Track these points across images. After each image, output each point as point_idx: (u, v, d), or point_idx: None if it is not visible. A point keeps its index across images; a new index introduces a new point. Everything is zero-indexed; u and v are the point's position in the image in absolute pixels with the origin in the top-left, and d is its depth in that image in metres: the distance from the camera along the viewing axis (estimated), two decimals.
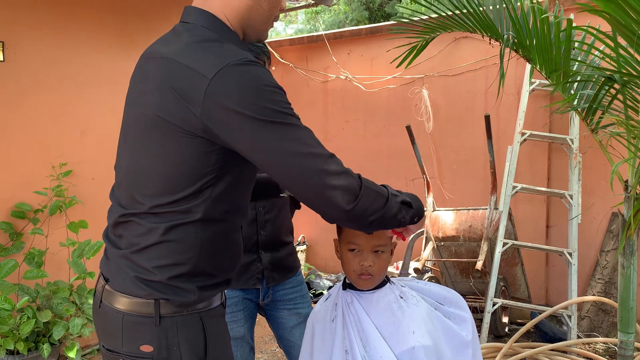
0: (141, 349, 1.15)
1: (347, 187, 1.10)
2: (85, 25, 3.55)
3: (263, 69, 1.10)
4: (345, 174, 1.12)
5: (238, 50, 1.11)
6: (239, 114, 1.05)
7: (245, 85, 1.06)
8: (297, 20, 12.17)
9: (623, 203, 2.00)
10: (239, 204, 1.23)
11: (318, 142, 1.13)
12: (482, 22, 2.00)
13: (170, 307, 1.16)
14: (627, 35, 1.49)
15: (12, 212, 3.21)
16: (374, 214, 1.15)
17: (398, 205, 1.20)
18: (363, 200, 1.12)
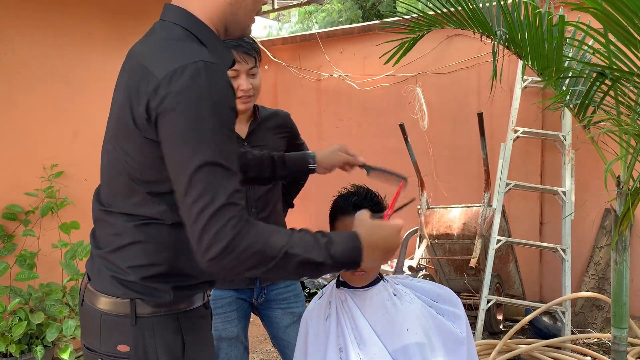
0: (118, 348, 1.15)
1: (211, 238, 1.00)
2: (76, 26, 3.52)
3: (214, 74, 1.05)
4: (219, 224, 1.00)
5: (196, 52, 1.07)
6: (174, 117, 1.02)
7: (188, 90, 1.01)
8: (290, 20, 12.15)
9: (615, 199, 2.01)
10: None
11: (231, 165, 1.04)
12: (474, 19, 2.00)
13: (146, 308, 1.15)
14: (617, 32, 1.49)
15: (3, 214, 3.18)
16: (249, 270, 1.04)
17: (295, 265, 1.06)
18: (231, 257, 1.01)
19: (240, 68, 1.85)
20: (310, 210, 5.07)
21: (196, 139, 1.01)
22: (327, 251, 1.09)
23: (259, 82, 1.92)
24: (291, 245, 1.06)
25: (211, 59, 1.06)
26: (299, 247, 1.06)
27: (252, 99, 1.92)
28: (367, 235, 1.15)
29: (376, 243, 1.16)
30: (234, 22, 1.21)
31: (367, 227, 1.17)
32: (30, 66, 3.33)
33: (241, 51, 1.83)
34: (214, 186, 1.00)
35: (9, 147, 3.25)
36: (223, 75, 1.07)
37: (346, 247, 1.12)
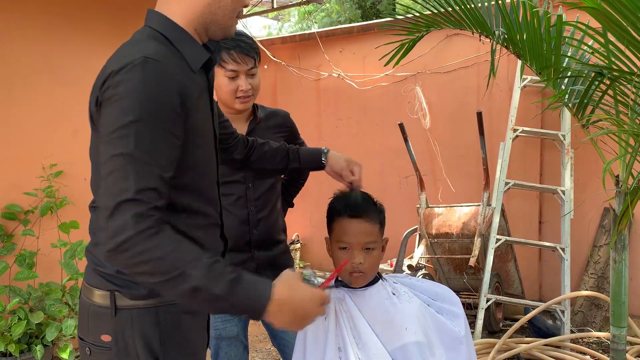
0: (102, 338, 1.19)
1: (114, 228, 1.00)
2: (76, 25, 3.52)
3: (152, 70, 1.07)
4: (123, 218, 0.99)
5: (143, 49, 1.10)
6: (108, 108, 1.06)
7: (123, 84, 1.05)
8: (289, 20, 12.14)
9: (614, 198, 2.01)
10: (185, 203, 1.19)
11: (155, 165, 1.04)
12: (473, 18, 2.00)
13: (125, 300, 1.17)
14: (615, 31, 1.49)
15: (3, 213, 3.18)
16: (142, 275, 1.03)
17: (188, 289, 1.02)
18: (127, 255, 1.00)
19: (240, 69, 1.85)
20: (309, 209, 5.07)
21: (121, 131, 1.03)
22: (230, 288, 1.04)
23: (258, 82, 1.92)
24: (192, 266, 1.02)
25: (156, 56, 1.09)
26: (199, 272, 1.02)
27: (251, 98, 1.92)
28: (283, 293, 1.10)
29: (290, 304, 1.11)
30: (213, 23, 1.23)
31: (288, 285, 1.13)
32: (29, 65, 3.33)
33: (240, 52, 1.83)
34: (124, 179, 1.01)
35: (8, 147, 3.25)
36: (163, 71, 1.08)
37: (252, 294, 1.07)
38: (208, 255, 1.06)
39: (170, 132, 1.07)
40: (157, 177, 1.04)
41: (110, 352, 1.18)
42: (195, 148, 1.18)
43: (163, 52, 1.12)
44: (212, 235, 1.31)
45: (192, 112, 1.14)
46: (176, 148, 1.09)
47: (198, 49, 1.22)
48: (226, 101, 1.91)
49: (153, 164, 1.04)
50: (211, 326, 1.97)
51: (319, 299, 1.16)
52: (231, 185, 1.93)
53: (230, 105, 1.91)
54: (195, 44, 1.21)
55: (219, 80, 1.88)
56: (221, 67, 1.85)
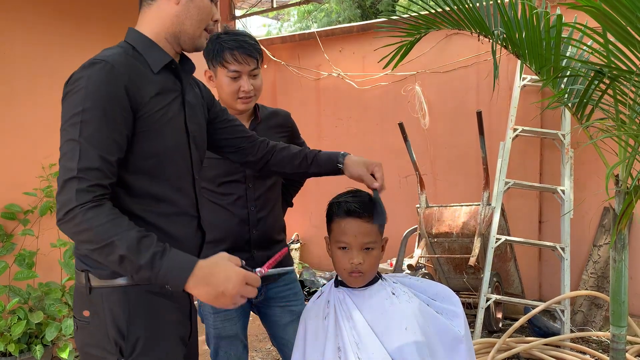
0: (83, 313, 1.34)
1: (60, 201, 1.19)
2: (76, 25, 3.52)
3: (99, 70, 1.25)
4: (68, 192, 1.18)
5: (100, 55, 1.29)
6: (64, 102, 1.26)
7: (75, 82, 1.25)
8: (289, 20, 12.14)
9: (614, 198, 2.01)
10: (146, 188, 1.32)
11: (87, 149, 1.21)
12: (471, 18, 2.00)
13: (95, 280, 1.31)
14: (614, 30, 1.49)
15: (2, 213, 3.18)
16: (83, 243, 1.21)
17: (117, 257, 1.18)
18: (71, 224, 1.18)
19: (242, 69, 1.85)
20: (309, 209, 5.07)
21: (70, 120, 1.22)
22: (152, 260, 1.18)
23: (260, 83, 1.92)
24: (120, 238, 1.17)
25: (107, 59, 1.26)
26: (126, 243, 1.17)
27: (253, 99, 1.92)
28: (204, 270, 1.21)
29: (209, 281, 1.20)
30: (182, 33, 1.38)
31: (212, 262, 1.23)
32: (29, 65, 3.33)
33: (243, 52, 1.83)
34: (70, 160, 1.20)
35: (7, 147, 3.25)
36: (106, 69, 1.24)
37: (173, 267, 1.19)
38: (138, 230, 1.20)
39: (114, 120, 1.23)
40: (99, 158, 1.20)
41: (89, 326, 1.33)
42: (158, 137, 1.32)
43: (115, 55, 1.29)
44: (181, 225, 1.39)
45: (143, 105, 1.28)
46: (122, 134, 1.25)
47: (161, 54, 1.37)
48: (228, 101, 1.91)
49: (96, 147, 1.21)
50: (211, 325, 1.98)
51: (240, 279, 1.22)
52: (231, 185, 1.93)
53: (231, 106, 1.91)
54: (158, 49, 1.37)
55: (221, 80, 1.87)
56: (224, 67, 1.85)
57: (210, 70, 1.91)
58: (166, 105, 1.34)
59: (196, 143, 1.46)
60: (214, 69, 1.89)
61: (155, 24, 1.37)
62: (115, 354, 1.30)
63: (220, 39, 1.85)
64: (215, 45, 1.85)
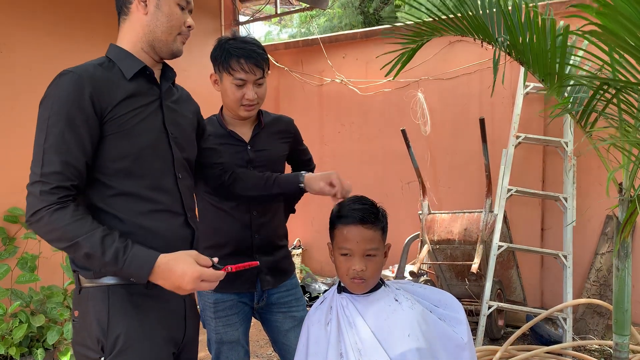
0: (74, 313, 1.43)
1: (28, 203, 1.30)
2: (79, 28, 3.53)
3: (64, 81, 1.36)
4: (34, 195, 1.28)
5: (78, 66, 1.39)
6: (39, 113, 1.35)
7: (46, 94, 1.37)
8: (292, 24, 12.17)
9: (618, 206, 2.00)
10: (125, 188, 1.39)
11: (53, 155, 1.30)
12: (475, 25, 2.00)
13: (84, 280, 1.40)
14: (619, 45, 1.49)
15: (5, 216, 3.19)
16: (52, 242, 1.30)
17: (82, 254, 1.28)
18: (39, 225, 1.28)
19: (248, 78, 1.85)
20: (311, 215, 5.07)
21: (38, 128, 1.33)
22: (116, 256, 1.29)
23: (264, 91, 1.92)
24: (85, 237, 1.27)
25: (75, 69, 1.36)
26: (90, 242, 1.27)
27: (256, 106, 1.92)
28: (167, 264, 1.32)
29: (169, 275, 1.31)
30: (156, 41, 1.47)
31: (172, 258, 1.33)
32: (32, 68, 3.34)
33: (250, 62, 1.83)
34: (36, 165, 1.30)
35: (10, 150, 3.26)
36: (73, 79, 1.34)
37: (135, 263, 1.30)
38: (102, 229, 1.30)
39: (77, 127, 1.32)
40: (60, 163, 1.29)
41: (78, 325, 1.42)
42: (131, 138, 1.39)
43: (84, 66, 1.38)
44: (163, 222, 1.45)
45: (109, 111, 1.36)
46: (85, 139, 1.33)
47: (134, 62, 1.45)
48: (231, 108, 1.91)
49: (58, 153, 1.29)
50: (212, 330, 1.98)
51: (195, 276, 1.31)
52: None
53: (235, 112, 1.92)
54: (132, 58, 1.45)
55: (226, 86, 1.88)
56: (230, 74, 1.85)
57: (216, 74, 1.91)
58: (138, 107, 1.42)
59: (178, 143, 1.52)
60: (220, 74, 1.89)
61: (131, 36, 1.47)
62: (98, 352, 1.38)
63: (228, 45, 1.85)
64: (223, 51, 1.85)
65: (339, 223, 1.48)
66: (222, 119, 1.98)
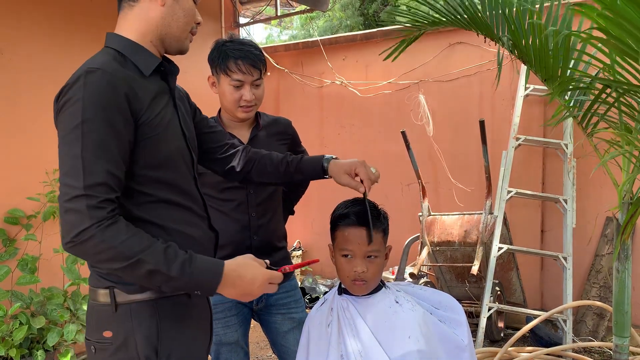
0: (103, 334, 1.27)
1: (68, 222, 1.12)
2: (81, 30, 3.54)
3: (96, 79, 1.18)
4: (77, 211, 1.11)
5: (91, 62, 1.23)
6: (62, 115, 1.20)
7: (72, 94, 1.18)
8: (292, 26, 12.18)
9: (618, 208, 2.01)
10: (163, 196, 1.29)
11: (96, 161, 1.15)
12: (477, 21, 2.00)
13: (123, 295, 1.26)
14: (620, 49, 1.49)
15: (5, 218, 3.19)
16: (103, 262, 1.16)
17: (144, 272, 1.16)
18: (88, 245, 1.12)
19: (245, 79, 1.86)
20: (311, 216, 5.07)
21: (71, 134, 1.16)
22: (182, 269, 1.18)
23: (261, 93, 1.93)
24: (147, 253, 1.15)
25: (101, 66, 1.20)
26: (154, 257, 1.15)
27: (254, 108, 1.93)
28: (235, 271, 1.24)
29: (239, 282, 1.24)
30: (169, 36, 1.35)
31: (237, 264, 1.26)
32: (33, 70, 3.34)
33: (247, 62, 1.84)
34: (75, 177, 1.13)
35: (11, 151, 3.26)
36: (105, 77, 1.19)
37: (203, 273, 1.21)
38: (161, 242, 1.19)
39: (118, 131, 1.18)
40: (105, 172, 1.15)
41: (111, 347, 1.26)
42: (162, 143, 1.28)
43: (108, 63, 1.23)
44: (198, 227, 1.38)
45: (143, 112, 1.24)
46: (125, 145, 1.20)
47: (150, 57, 1.32)
48: (229, 109, 1.92)
49: (101, 161, 1.15)
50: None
51: (265, 279, 1.27)
52: (232, 191, 1.93)
53: (232, 113, 1.92)
54: (147, 52, 1.32)
55: (224, 87, 1.89)
56: (227, 76, 1.86)
57: (214, 76, 1.93)
58: (162, 109, 1.31)
59: (192, 144, 1.45)
60: (217, 75, 1.90)
61: (139, 27, 1.32)
62: None
63: (225, 47, 1.87)
64: (220, 53, 1.86)
65: (341, 225, 1.48)
66: (220, 121, 1.98)
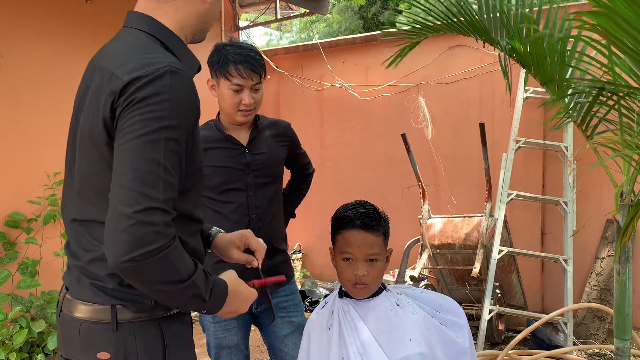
0: (98, 356, 1.14)
1: (143, 237, 0.98)
2: (80, 32, 3.54)
3: (179, 80, 1.07)
4: (152, 225, 0.98)
5: (163, 57, 1.09)
6: (135, 116, 1.03)
7: (151, 94, 1.03)
8: (292, 30, 12.20)
9: (618, 210, 2.01)
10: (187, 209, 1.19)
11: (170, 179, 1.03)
12: (476, 26, 2.01)
13: (127, 313, 1.15)
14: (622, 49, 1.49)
15: (6, 221, 3.19)
16: (157, 284, 1.04)
17: (190, 294, 1.08)
18: (157, 264, 1.00)
19: (245, 84, 1.87)
20: (312, 219, 5.07)
21: (150, 136, 1.01)
22: (211, 292, 1.11)
23: (261, 97, 1.94)
24: (197, 275, 1.08)
25: (178, 65, 1.09)
26: (200, 280, 1.08)
27: (253, 112, 1.94)
28: (232, 285, 1.19)
29: (233, 301, 1.19)
30: (202, 31, 1.26)
31: (234, 283, 1.21)
32: (33, 73, 3.35)
33: (248, 67, 1.85)
34: (152, 186, 1.00)
35: (12, 155, 3.26)
36: (188, 81, 1.09)
37: (220, 296, 1.15)
38: (194, 260, 1.11)
39: (185, 142, 1.08)
40: (175, 187, 1.05)
41: None
42: (196, 154, 1.19)
43: (177, 63, 1.10)
44: (198, 242, 1.30)
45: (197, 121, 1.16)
46: (184, 157, 1.10)
47: (191, 55, 1.23)
48: (228, 113, 1.93)
49: (176, 174, 1.05)
50: (211, 335, 1.98)
51: (251, 298, 1.25)
52: (233, 193, 1.94)
53: (231, 117, 1.93)
54: (188, 50, 1.22)
55: (223, 91, 1.89)
56: (227, 80, 1.87)
57: (213, 79, 1.94)
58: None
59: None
60: (217, 79, 1.91)
61: (181, 18, 1.20)
62: None
63: (225, 51, 1.87)
64: (220, 57, 1.87)
65: (341, 228, 1.48)
66: (219, 124, 1.99)
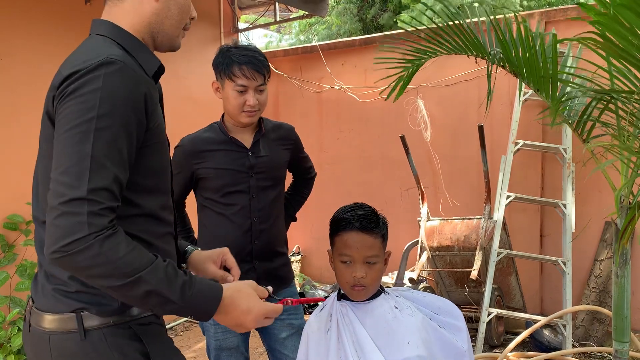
0: None
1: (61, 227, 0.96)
2: (80, 33, 3.53)
3: (117, 71, 1.06)
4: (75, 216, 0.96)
5: (104, 50, 1.09)
6: (70, 107, 1.03)
7: (86, 84, 1.03)
8: (291, 32, 12.22)
9: (617, 213, 2.01)
10: (149, 207, 1.17)
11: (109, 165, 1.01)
12: (468, 42, 2.02)
13: (94, 319, 1.10)
14: (617, 53, 1.50)
15: (4, 223, 3.18)
16: (94, 278, 1.00)
17: (142, 292, 1.01)
18: (84, 256, 0.96)
19: (249, 84, 1.88)
20: (310, 221, 5.07)
21: (80, 127, 1.01)
22: (182, 292, 1.04)
23: (265, 98, 1.95)
24: (148, 271, 1.01)
25: (120, 57, 1.08)
26: (155, 276, 1.01)
27: (257, 113, 1.94)
28: (231, 297, 1.12)
29: (232, 310, 1.13)
30: (160, 33, 1.24)
31: (238, 291, 1.15)
32: (32, 74, 3.35)
33: (252, 68, 1.86)
34: (77, 177, 0.98)
35: (10, 157, 3.26)
36: (126, 71, 1.07)
37: (203, 297, 1.08)
38: (160, 259, 1.06)
39: (130, 133, 1.06)
40: (112, 177, 1.01)
41: None
42: (157, 152, 1.17)
43: (123, 56, 1.11)
44: (169, 245, 1.26)
45: (152, 116, 1.14)
46: (134, 148, 1.07)
47: (151, 56, 1.22)
48: (233, 114, 1.93)
49: (111, 164, 1.01)
50: (211, 336, 1.98)
51: (261, 314, 1.17)
52: (235, 195, 1.94)
53: (236, 118, 1.94)
54: (147, 50, 1.22)
55: (228, 92, 1.90)
56: (231, 81, 1.88)
57: (218, 81, 1.94)
58: (160, 114, 1.21)
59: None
60: (222, 81, 1.92)
61: (132, 20, 1.20)
62: None
63: (229, 53, 1.89)
64: (225, 59, 1.89)
65: (340, 230, 1.48)
66: (224, 126, 1.99)
